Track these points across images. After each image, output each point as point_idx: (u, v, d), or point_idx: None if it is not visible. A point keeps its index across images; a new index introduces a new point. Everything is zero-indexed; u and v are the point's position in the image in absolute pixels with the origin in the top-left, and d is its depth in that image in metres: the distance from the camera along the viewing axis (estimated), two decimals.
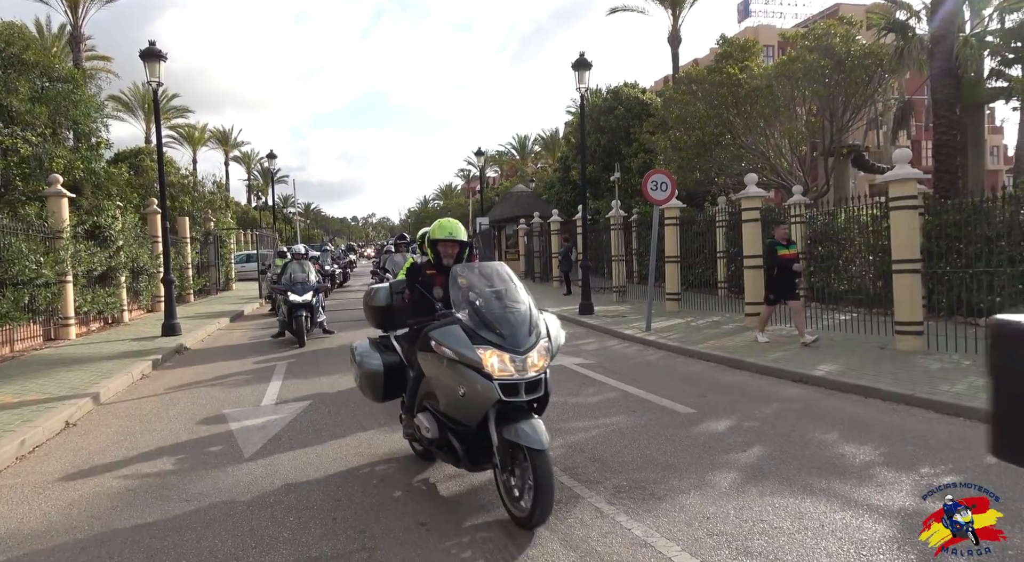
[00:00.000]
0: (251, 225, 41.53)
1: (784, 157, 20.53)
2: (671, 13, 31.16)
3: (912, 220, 8.99)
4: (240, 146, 66.31)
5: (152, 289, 17.66)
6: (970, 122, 17.09)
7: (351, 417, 6.77)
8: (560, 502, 4.35)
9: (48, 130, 14.63)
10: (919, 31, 17.82)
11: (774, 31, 38.89)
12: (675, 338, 11.01)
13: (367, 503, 4.46)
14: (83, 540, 4.05)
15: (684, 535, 3.80)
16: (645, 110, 27.36)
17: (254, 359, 10.75)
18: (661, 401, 7.04)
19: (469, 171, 72.59)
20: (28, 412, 6.85)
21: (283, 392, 8.06)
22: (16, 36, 14.59)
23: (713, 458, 5.17)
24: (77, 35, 27.60)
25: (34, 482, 5.14)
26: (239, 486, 4.87)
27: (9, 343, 11.33)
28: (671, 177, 12.86)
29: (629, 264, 21.65)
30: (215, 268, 25.82)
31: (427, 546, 3.78)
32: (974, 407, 6.05)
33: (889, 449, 5.25)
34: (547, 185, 37.74)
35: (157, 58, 13.21)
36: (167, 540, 3.99)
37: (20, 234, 11.40)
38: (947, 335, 8.84)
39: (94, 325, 14.47)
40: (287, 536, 3.98)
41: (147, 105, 41.67)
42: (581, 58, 15.22)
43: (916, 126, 35.60)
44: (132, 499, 4.70)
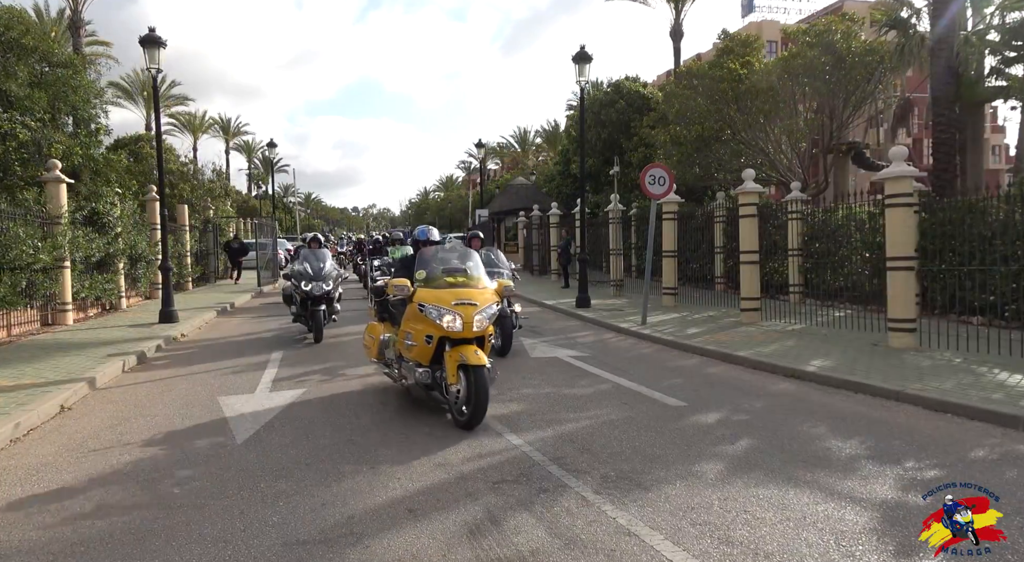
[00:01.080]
0: (251, 214, 41.51)
1: (783, 153, 20.52)
2: (673, 7, 31.07)
3: (907, 217, 9.02)
4: (241, 135, 66.21)
5: (150, 276, 17.69)
6: (970, 121, 17.10)
7: (344, 405, 6.82)
8: (547, 491, 4.40)
9: (47, 115, 14.63)
10: (920, 29, 17.79)
11: (777, 27, 38.74)
12: (670, 332, 11.06)
13: (355, 489, 4.51)
14: (74, 522, 4.09)
15: (668, 524, 3.85)
16: (646, 104, 27.35)
17: (250, 347, 10.80)
18: (653, 394, 7.09)
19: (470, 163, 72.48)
20: (23, 396, 6.90)
21: (278, 380, 8.10)
22: (15, 20, 14.56)
23: (701, 450, 5.22)
24: (77, 20, 27.53)
25: (28, 464, 5.19)
26: (230, 471, 4.92)
27: (6, 327, 11.37)
28: (669, 171, 12.87)
29: (627, 258, 21.67)
30: (213, 256, 25.85)
31: (413, 531, 3.83)
32: (962, 404, 6.11)
33: (875, 444, 5.30)
34: (548, 178, 37.74)
35: (157, 45, 13.19)
36: (158, 522, 4.04)
37: (18, 219, 11.42)
38: (940, 333, 8.89)
39: (91, 311, 14.51)
40: (276, 520, 4.02)
41: (146, 92, 41.57)
42: (582, 51, 15.21)
43: (917, 124, 35.56)
44: (124, 482, 4.75)
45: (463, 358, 5.67)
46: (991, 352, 8.21)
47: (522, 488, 4.46)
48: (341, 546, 3.67)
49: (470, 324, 5.76)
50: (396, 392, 7.30)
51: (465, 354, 5.68)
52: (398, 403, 6.86)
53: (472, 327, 5.77)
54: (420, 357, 6.04)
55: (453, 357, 5.77)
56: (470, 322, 5.76)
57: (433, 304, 5.85)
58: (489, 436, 5.62)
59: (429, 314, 5.83)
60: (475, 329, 5.79)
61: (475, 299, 5.94)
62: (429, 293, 6.01)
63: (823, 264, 12.97)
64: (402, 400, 6.96)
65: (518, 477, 4.66)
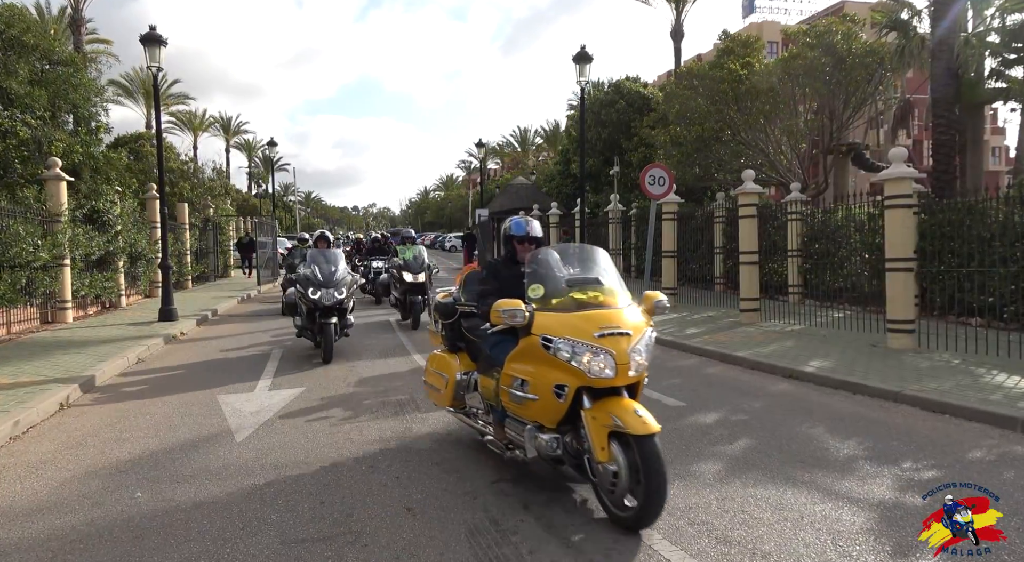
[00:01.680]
0: (251, 213, 41.51)
1: (783, 154, 20.52)
2: (674, 7, 31.08)
3: (907, 219, 9.03)
4: (241, 133, 66.22)
5: (150, 275, 17.69)
6: (970, 122, 17.13)
7: (343, 404, 6.82)
8: (545, 490, 4.41)
9: (47, 113, 14.61)
10: (921, 30, 17.81)
11: (778, 27, 38.74)
12: (669, 332, 11.06)
13: (355, 488, 4.52)
14: (73, 519, 4.10)
15: (666, 524, 3.85)
16: (646, 104, 27.34)
17: (250, 345, 10.80)
18: (651, 393, 7.09)
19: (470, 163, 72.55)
20: (23, 393, 6.91)
21: (277, 378, 8.12)
22: (16, 18, 14.54)
23: (699, 450, 5.23)
24: (78, 18, 27.54)
25: (27, 461, 5.20)
26: (229, 469, 4.93)
27: (6, 325, 11.38)
28: (669, 172, 12.89)
29: (627, 258, 21.68)
30: (213, 255, 25.86)
31: (412, 531, 3.84)
32: (960, 405, 6.12)
33: (873, 444, 5.31)
34: (548, 178, 37.73)
35: (157, 43, 13.20)
36: (156, 520, 4.05)
37: (18, 217, 11.43)
38: (939, 334, 8.89)
39: (91, 309, 14.51)
40: (275, 519, 4.03)
41: (147, 90, 41.57)
42: (582, 51, 15.23)
43: (917, 125, 35.56)
44: (123, 479, 4.76)
45: (617, 421, 3.73)
46: (989, 353, 8.22)
47: (519, 487, 4.47)
48: (340, 544, 3.68)
49: (626, 365, 3.85)
50: (397, 391, 7.31)
51: (619, 414, 3.76)
52: (397, 400, 6.86)
53: (628, 369, 3.87)
54: (542, 416, 4.12)
55: (599, 418, 3.83)
56: (626, 362, 3.85)
57: (568, 337, 3.92)
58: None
59: (560, 352, 3.91)
60: (632, 373, 3.90)
61: (623, 325, 4.00)
62: (556, 320, 4.05)
63: (822, 265, 12.96)
64: (402, 400, 6.97)
65: (516, 477, 4.67)
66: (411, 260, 12.92)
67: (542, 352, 4.01)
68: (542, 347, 4.00)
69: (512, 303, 4.11)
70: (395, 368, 8.69)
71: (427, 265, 12.90)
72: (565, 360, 3.89)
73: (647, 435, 3.69)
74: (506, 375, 4.34)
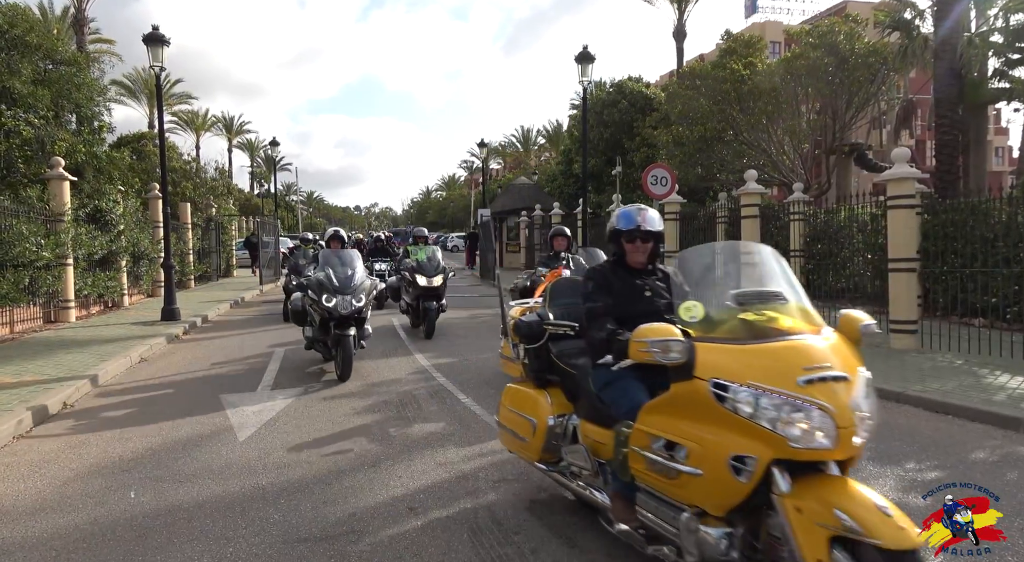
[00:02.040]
0: (253, 212, 41.57)
1: (786, 154, 20.52)
2: (676, 7, 31.10)
3: (909, 219, 9.02)
4: (244, 133, 66.30)
5: (152, 274, 17.71)
6: (973, 122, 17.10)
7: (345, 405, 6.83)
8: (545, 490, 4.41)
9: (50, 113, 14.64)
10: (924, 30, 17.78)
11: (780, 27, 38.71)
12: None
13: (357, 487, 4.52)
14: (76, 518, 4.11)
15: None
16: (649, 104, 27.32)
17: (252, 345, 10.81)
18: None
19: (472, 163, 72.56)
20: (26, 392, 6.92)
21: (280, 379, 8.12)
22: (19, 18, 14.57)
23: None
24: (80, 18, 27.58)
25: (30, 460, 5.21)
26: (232, 468, 4.94)
27: (9, 324, 11.40)
28: (671, 172, 12.89)
29: None
30: (216, 254, 25.89)
31: (414, 529, 3.84)
32: (963, 405, 6.11)
33: (876, 444, 5.30)
34: (550, 178, 37.71)
35: (160, 43, 13.23)
36: (159, 519, 4.05)
37: (21, 216, 11.46)
38: (942, 334, 8.88)
39: (94, 308, 14.54)
40: (277, 518, 4.04)
41: (149, 90, 41.62)
42: (584, 51, 15.22)
43: (920, 125, 35.52)
44: (126, 479, 4.77)
45: (847, 521, 2.30)
46: (993, 354, 8.21)
47: (521, 487, 4.48)
48: (342, 544, 3.68)
49: (850, 430, 2.48)
50: (397, 391, 7.31)
51: (847, 507, 2.34)
52: (399, 400, 6.87)
53: (853, 435, 2.50)
54: (706, 499, 2.73)
55: (810, 513, 2.40)
56: (850, 425, 2.48)
57: (756, 384, 2.57)
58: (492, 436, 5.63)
59: (742, 407, 2.57)
60: (857, 440, 2.51)
61: (836, 365, 2.62)
62: (733, 356, 2.70)
63: (825, 265, 12.95)
64: (404, 400, 6.97)
65: (518, 476, 4.67)
66: (425, 261, 11.38)
67: (711, 404, 2.66)
68: (713, 398, 2.64)
69: (663, 330, 2.79)
70: (397, 368, 8.70)
71: (443, 267, 11.38)
72: (748, 417, 2.54)
73: (905, 551, 2.26)
74: (641, 433, 2.96)
